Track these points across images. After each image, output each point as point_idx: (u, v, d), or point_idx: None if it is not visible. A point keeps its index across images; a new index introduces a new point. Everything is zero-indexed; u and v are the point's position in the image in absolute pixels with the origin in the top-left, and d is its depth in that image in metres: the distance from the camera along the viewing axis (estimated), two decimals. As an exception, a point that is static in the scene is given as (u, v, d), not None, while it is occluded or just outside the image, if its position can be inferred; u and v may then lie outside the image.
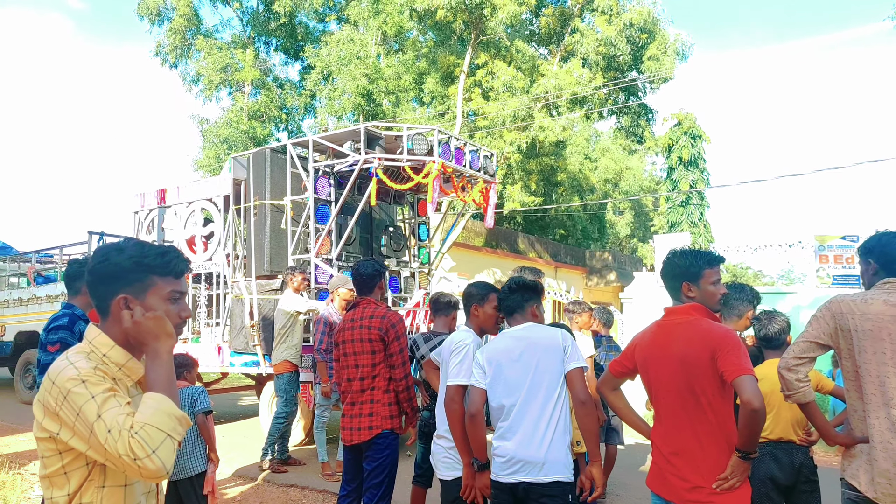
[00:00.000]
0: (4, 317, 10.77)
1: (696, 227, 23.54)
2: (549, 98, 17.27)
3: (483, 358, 2.86)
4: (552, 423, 2.66)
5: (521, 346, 2.78)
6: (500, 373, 2.77)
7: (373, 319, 3.65)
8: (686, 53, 19.13)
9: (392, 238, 8.21)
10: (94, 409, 1.44)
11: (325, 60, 21.35)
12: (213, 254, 7.78)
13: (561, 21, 19.34)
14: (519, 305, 2.95)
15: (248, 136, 22.60)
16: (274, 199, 7.31)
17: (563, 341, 2.76)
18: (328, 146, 7.17)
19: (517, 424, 2.69)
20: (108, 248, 1.65)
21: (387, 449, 3.58)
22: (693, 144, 23.14)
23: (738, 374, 2.32)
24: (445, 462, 3.14)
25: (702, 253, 2.66)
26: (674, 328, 2.56)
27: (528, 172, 19.26)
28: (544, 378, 2.70)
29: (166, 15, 24.32)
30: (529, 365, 2.73)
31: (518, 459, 2.64)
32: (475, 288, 3.31)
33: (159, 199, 8.38)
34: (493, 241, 23.09)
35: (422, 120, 20.23)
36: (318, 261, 6.97)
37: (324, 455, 5.88)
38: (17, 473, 5.55)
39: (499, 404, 2.77)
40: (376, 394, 3.61)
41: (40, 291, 10.29)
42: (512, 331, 2.91)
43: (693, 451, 2.43)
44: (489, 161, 7.79)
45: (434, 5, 16.39)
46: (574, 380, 2.72)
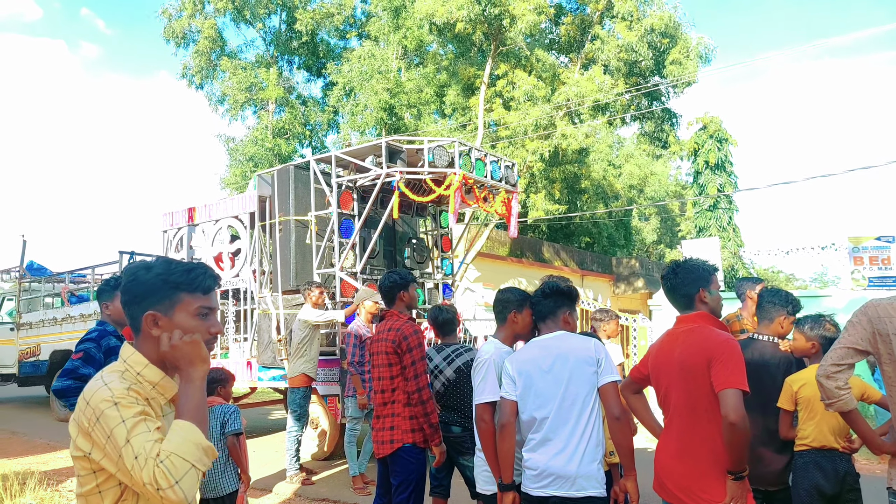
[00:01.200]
0: (40, 336, 10.99)
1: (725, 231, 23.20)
2: (571, 106, 17.21)
3: (513, 368, 2.77)
4: (585, 436, 2.60)
5: (551, 356, 2.70)
6: (531, 384, 2.70)
7: (390, 332, 3.65)
8: (709, 56, 18.93)
9: (415, 250, 8.27)
10: (123, 434, 1.45)
11: (346, 76, 21.62)
12: (239, 270, 7.90)
13: (581, 29, 19.31)
14: (551, 311, 2.87)
15: (273, 154, 22.94)
16: (298, 214, 7.40)
17: (596, 353, 2.68)
18: (351, 161, 7.25)
19: (549, 437, 2.64)
20: (137, 266, 1.68)
21: (411, 463, 3.54)
22: (720, 148, 22.88)
23: (723, 386, 2.33)
24: (483, 476, 3.08)
25: (704, 261, 2.73)
26: (679, 336, 2.59)
27: (551, 181, 19.19)
28: (577, 391, 2.64)
29: (191, 37, 24.89)
30: (561, 377, 2.65)
31: (550, 473, 2.59)
32: (511, 294, 3.16)
33: (187, 218, 8.56)
34: (517, 250, 23.00)
35: (443, 132, 20.32)
36: (342, 275, 7.03)
37: (355, 469, 5.88)
38: (55, 490, 5.64)
39: (530, 416, 2.71)
40: (396, 407, 3.58)
41: (74, 311, 10.49)
42: (542, 340, 2.83)
43: (693, 456, 2.45)
44: (510, 171, 7.81)
45: (453, 18, 16.50)
46: (608, 394, 2.65)
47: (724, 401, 2.31)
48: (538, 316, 2.93)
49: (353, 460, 5.89)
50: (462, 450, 3.81)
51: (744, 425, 2.30)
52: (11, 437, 8.75)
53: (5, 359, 11.63)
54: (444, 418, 3.86)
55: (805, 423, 3.12)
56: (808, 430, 3.12)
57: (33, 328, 11.21)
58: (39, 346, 10.93)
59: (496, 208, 7.64)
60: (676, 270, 2.71)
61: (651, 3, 18.10)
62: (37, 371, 10.98)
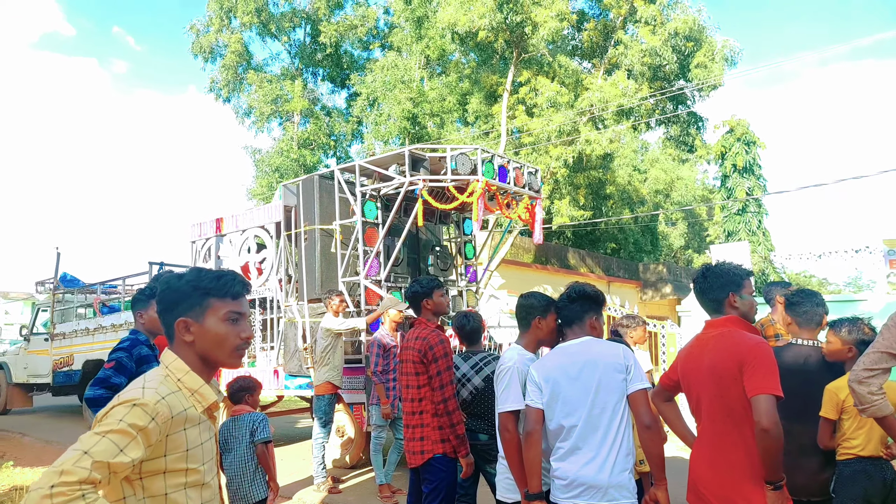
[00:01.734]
0: (73, 346, 11.21)
1: (755, 235, 22.78)
2: (595, 111, 17.12)
3: (539, 376, 2.70)
4: (615, 445, 2.53)
5: (579, 363, 2.63)
6: (558, 392, 2.63)
7: (416, 341, 3.61)
8: (735, 59, 18.67)
9: (438, 257, 8.29)
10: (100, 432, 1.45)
11: (370, 87, 21.82)
12: (266, 279, 7.98)
13: (604, 34, 19.23)
14: (578, 317, 2.80)
15: (299, 164, 23.23)
16: (323, 223, 7.46)
17: (625, 360, 2.61)
18: (374, 170, 7.30)
19: (578, 446, 2.57)
20: (170, 275, 1.76)
21: (441, 472, 3.51)
22: (747, 151, 22.51)
23: (756, 391, 2.27)
24: (504, 483, 3.02)
25: (737, 265, 2.68)
26: (709, 340, 2.54)
27: (575, 187, 19.08)
28: (606, 399, 2.56)
29: (218, 52, 25.38)
30: (589, 385, 2.58)
31: (581, 483, 2.52)
32: (535, 300, 3.08)
33: (215, 229, 8.67)
34: (542, 257, 22.89)
35: (466, 140, 20.36)
36: (367, 283, 7.06)
37: (381, 477, 5.86)
38: None
39: (557, 425, 2.64)
40: (425, 417, 3.55)
41: (105, 321, 10.68)
42: (568, 346, 2.76)
43: (726, 463, 2.39)
44: (534, 177, 7.77)
45: (475, 27, 16.56)
46: (638, 402, 2.57)
47: (757, 407, 2.26)
48: (564, 321, 2.86)
49: (380, 469, 5.89)
50: (489, 458, 3.76)
51: (777, 432, 2.24)
52: (47, 446, 8.95)
53: (40, 368, 11.87)
54: (471, 426, 3.83)
55: (855, 432, 3.01)
56: (858, 438, 3.01)
57: (66, 338, 11.44)
58: (72, 355, 11.13)
59: (519, 214, 7.62)
60: (706, 274, 2.67)
61: (675, 6, 17.95)
62: (70, 380, 11.19)
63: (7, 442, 9.27)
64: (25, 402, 12.74)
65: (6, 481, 6.49)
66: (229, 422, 3.94)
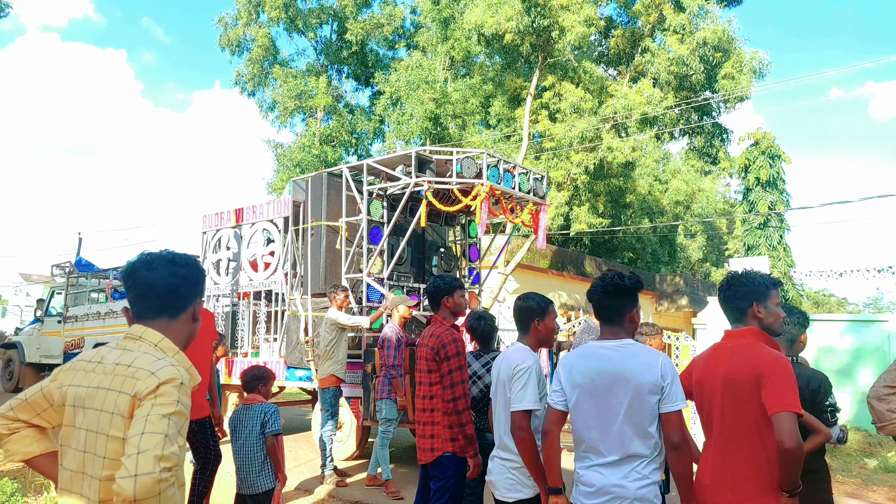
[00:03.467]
0: (84, 329, 11.44)
1: (776, 250, 22.47)
2: (618, 119, 17.01)
3: (565, 378, 2.57)
4: (643, 459, 2.41)
5: (611, 376, 2.45)
6: (586, 399, 2.49)
7: (431, 339, 3.60)
8: (763, 71, 18.45)
9: (443, 258, 8.41)
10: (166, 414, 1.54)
11: (394, 86, 21.89)
12: (273, 272, 8.12)
13: (631, 41, 19.10)
14: (617, 312, 2.56)
15: (320, 160, 23.36)
16: (330, 220, 7.58)
17: (662, 380, 2.40)
18: (381, 170, 7.41)
19: (604, 456, 2.45)
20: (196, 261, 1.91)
21: (450, 470, 3.50)
22: (772, 164, 22.21)
23: (777, 409, 2.21)
24: (508, 483, 2.93)
25: (764, 274, 2.59)
26: (726, 351, 2.48)
27: (595, 194, 18.97)
28: (636, 419, 2.41)
29: (245, 46, 25.63)
30: (621, 400, 2.42)
31: (606, 492, 2.42)
32: (534, 301, 3.04)
33: (226, 221, 8.85)
34: (558, 263, 22.78)
35: (488, 143, 20.33)
36: (369, 280, 7.19)
37: (388, 473, 5.88)
38: None
39: (583, 434, 2.53)
40: (436, 415, 3.53)
41: (116, 306, 10.89)
42: (603, 349, 2.53)
43: (736, 475, 2.34)
44: (539, 183, 7.85)
45: (502, 29, 16.53)
46: (669, 422, 2.39)
47: (779, 425, 2.19)
48: (599, 314, 2.63)
49: (387, 464, 5.90)
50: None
51: (800, 450, 2.19)
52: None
53: (52, 349, 12.14)
54: (478, 424, 3.81)
55: None
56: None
57: (78, 321, 11.67)
58: (83, 338, 11.35)
59: (523, 219, 7.71)
60: (731, 282, 2.59)
61: (705, 16, 17.77)
62: None
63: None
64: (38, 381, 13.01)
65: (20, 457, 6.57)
66: (241, 410, 3.97)
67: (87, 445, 1.63)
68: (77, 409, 1.67)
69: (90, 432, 1.63)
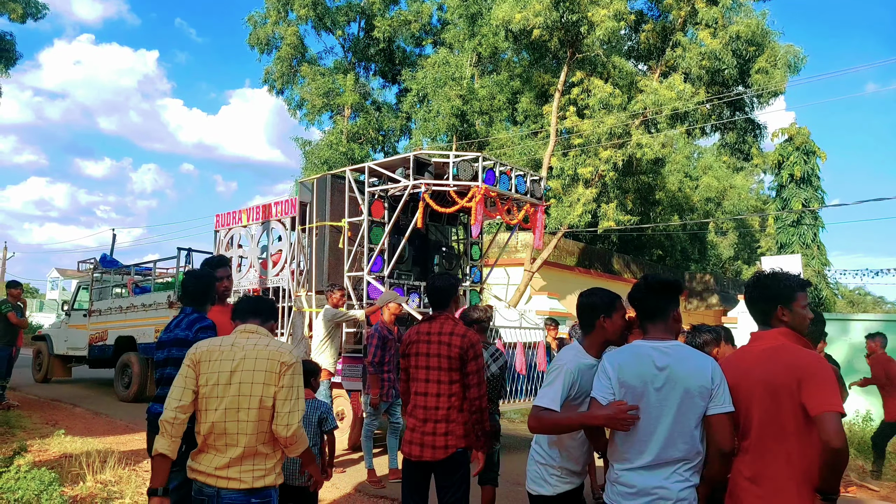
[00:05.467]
0: (108, 323, 11.79)
1: (809, 248, 21.96)
2: (648, 115, 16.77)
3: (613, 375, 2.49)
4: (685, 462, 2.38)
5: (662, 376, 2.41)
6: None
7: (453, 337, 3.53)
8: (798, 66, 18.00)
9: (444, 257, 8.62)
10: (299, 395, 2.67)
11: (421, 83, 21.90)
12: (280, 270, 8.39)
13: (661, 36, 18.80)
14: (661, 310, 2.52)
15: (347, 158, 23.49)
16: (333, 220, 7.86)
17: (711, 383, 2.38)
18: (382, 172, 7.68)
19: (648, 459, 2.41)
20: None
21: (463, 465, 3.56)
22: (806, 161, 21.70)
23: (822, 409, 2.17)
24: (533, 474, 2.96)
25: (792, 276, 2.53)
26: (760, 353, 2.43)
27: (624, 191, 18.76)
28: (683, 421, 2.39)
29: (274, 44, 25.89)
30: (671, 402, 2.39)
31: (648, 493, 2.38)
32: (598, 297, 2.83)
33: (236, 220, 9.19)
34: (585, 260, 22.60)
35: (515, 139, 20.24)
36: (370, 278, 7.44)
37: (370, 463, 6.08)
38: (132, 470, 5.87)
39: (628, 434, 2.47)
40: (452, 413, 3.50)
41: (137, 301, 11.21)
42: (652, 348, 2.48)
43: (772, 479, 2.31)
44: (537, 185, 8.11)
45: (530, 25, 16.42)
46: (716, 426, 2.37)
47: (825, 426, 2.16)
48: (644, 314, 2.58)
49: (370, 454, 6.12)
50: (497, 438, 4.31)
51: (847, 451, 2.17)
52: (96, 417, 9.29)
53: (78, 342, 12.53)
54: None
55: None
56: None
57: (102, 315, 12.02)
58: (107, 331, 11.70)
59: (520, 220, 7.92)
60: (757, 283, 2.55)
61: (738, 10, 17.41)
62: (104, 354, 11.80)
63: (60, 411, 9.68)
64: (65, 372, 13.57)
65: (57, 448, 6.72)
66: None
67: (241, 392, 2.55)
68: (232, 374, 2.58)
69: (240, 384, 2.56)
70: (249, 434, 2.53)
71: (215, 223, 9.57)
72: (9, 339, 9.31)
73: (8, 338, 9.30)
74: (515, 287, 17.89)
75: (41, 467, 5.32)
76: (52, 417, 8.92)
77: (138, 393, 10.68)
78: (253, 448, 2.54)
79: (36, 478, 4.84)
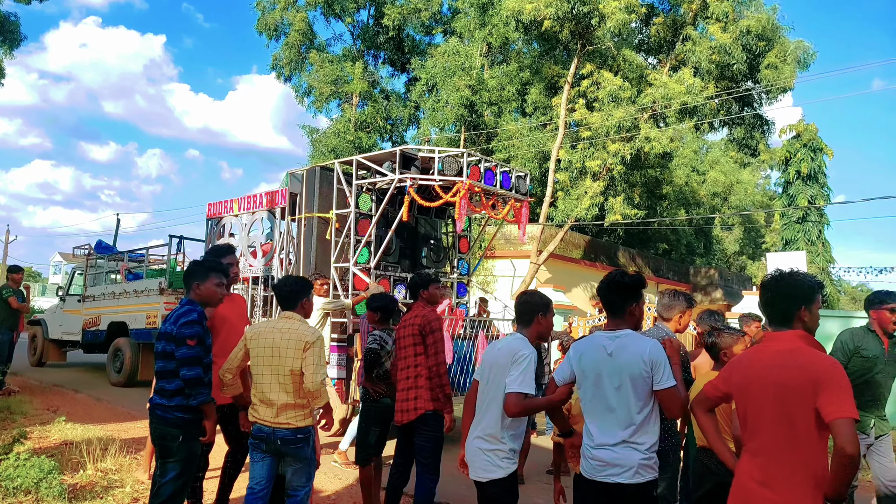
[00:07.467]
0: (101, 308, 11.86)
1: (814, 245, 22.00)
2: (657, 108, 16.77)
3: (574, 361, 2.97)
4: (639, 435, 2.77)
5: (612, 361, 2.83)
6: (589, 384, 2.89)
7: (415, 318, 4.31)
8: (808, 62, 17.96)
9: (432, 250, 8.76)
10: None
11: (430, 72, 21.84)
12: (270, 259, 8.49)
13: (672, 29, 18.76)
14: (618, 306, 2.94)
15: (354, 146, 23.44)
16: (321, 212, 7.96)
17: (647, 364, 2.75)
18: (370, 166, 7.82)
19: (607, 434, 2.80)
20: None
21: (434, 425, 4.15)
22: (813, 158, 21.69)
23: (837, 415, 2.18)
24: (483, 463, 3.15)
25: (812, 276, 2.54)
26: (775, 355, 2.41)
27: (631, 185, 18.77)
28: (630, 400, 2.77)
29: (283, 30, 25.78)
30: (616, 385, 2.79)
31: (613, 464, 2.76)
32: (537, 297, 3.33)
33: (228, 209, 9.27)
34: (591, 253, 22.66)
35: (524, 131, 20.22)
36: (356, 269, 7.54)
37: (346, 445, 6.22)
38: (133, 458, 5.83)
39: (588, 414, 2.91)
40: (420, 381, 4.21)
41: (129, 287, 11.29)
42: (607, 337, 2.90)
43: (783, 483, 2.30)
44: (522, 181, 8.22)
45: (541, 16, 16.39)
46: (664, 400, 2.77)
47: (839, 431, 2.17)
48: (606, 308, 3.02)
49: (351, 437, 6.21)
50: (389, 420, 4.57)
51: (859, 457, 2.19)
52: (97, 403, 9.18)
53: (73, 327, 12.58)
54: (389, 393, 4.54)
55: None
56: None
57: (96, 300, 12.09)
58: (100, 317, 11.77)
59: (505, 215, 8.08)
60: (780, 282, 2.50)
61: (749, 4, 17.36)
62: (97, 339, 11.89)
63: (62, 397, 9.58)
64: (60, 357, 13.66)
65: (57, 435, 6.59)
66: None
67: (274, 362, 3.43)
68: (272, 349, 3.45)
69: (277, 357, 3.43)
70: (288, 393, 3.43)
71: (207, 211, 9.63)
72: (10, 323, 9.17)
73: (10, 322, 9.15)
74: (521, 279, 17.98)
75: (41, 455, 5.19)
76: (53, 403, 8.83)
77: (129, 377, 10.74)
78: (292, 402, 3.43)
79: (35, 465, 4.74)
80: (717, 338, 3.80)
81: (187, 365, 3.30)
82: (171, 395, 3.35)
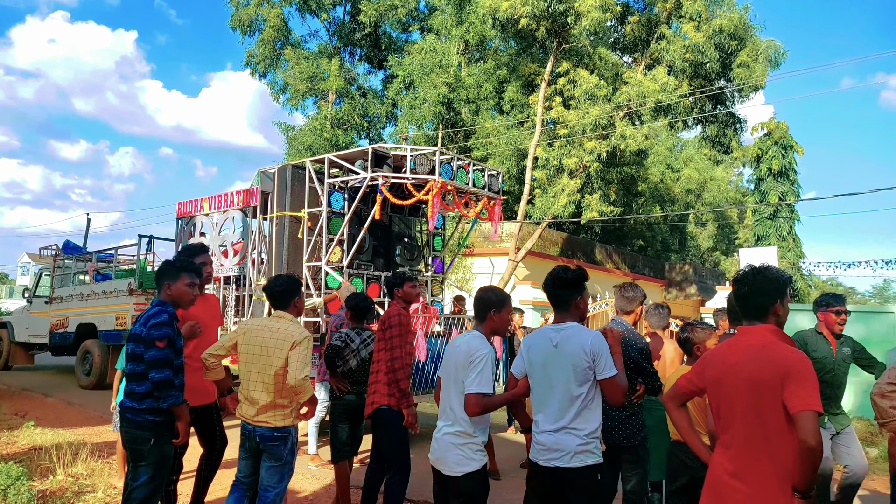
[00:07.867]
0: (69, 310, 11.63)
1: (785, 240, 22.43)
2: (632, 106, 16.94)
3: (525, 353, 3.15)
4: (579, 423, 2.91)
5: (553, 352, 3.00)
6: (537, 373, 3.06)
7: (383, 314, 4.45)
8: (779, 60, 18.29)
9: (406, 248, 8.75)
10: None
11: (407, 69, 21.78)
12: (241, 258, 8.44)
13: (647, 28, 18.95)
14: (563, 300, 3.08)
15: (331, 144, 23.30)
16: (293, 210, 7.92)
17: (589, 356, 2.89)
18: (342, 164, 7.79)
19: (551, 421, 2.95)
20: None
21: (391, 421, 4.18)
22: (784, 155, 22.09)
23: (801, 408, 2.23)
24: (457, 458, 3.17)
25: (782, 270, 2.61)
26: (747, 350, 2.45)
27: (607, 182, 18.95)
28: (572, 389, 2.92)
29: (257, 26, 25.46)
30: (559, 374, 2.95)
31: (554, 448, 2.91)
32: (493, 294, 3.38)
33: (198, 208, 9.15)
34: (569, 250, 22.83)
35: (501, 128, 20.29)
36: (328, 268, 7.53)
37: (314, 448, 6.33)
38: (105, 462, 5.76)
39: (535, 402, 3.07)
40: (379, 376, 4.29)
41: (98, 288, 11.11)
42: (553, 329, 3.06)
43: (754, 475, 2.36)
44: (494, 179, 8.26)
45: (517, 14, 16.45)
46: (605, 389, 2.90)
47: (802, 423, 2.22)
48: (552, 303, 3.15)
49: (314, 439, 6.34)
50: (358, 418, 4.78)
51: (821, 449, 2.23)
52: (68, 407, 9.00)
53: (40, 329, 12.35)
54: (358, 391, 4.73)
55: None
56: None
57: (64, 302, 11.87)
58: (68, 318, 11.57)
59: (478, 213, 8.13)
60: (756, 277, 2.54)
61: (721, 3, 17.61)
62: (65, 341, 11.68)
63: (31, 401, 9.39)
64: (27, 360, 13.33)
65: (26, 441, 6.49)
66: None
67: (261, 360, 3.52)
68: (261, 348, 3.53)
69: (264, 356, 3.51)
70: (269, 393, 3.49)
71: (178, 211, 9.47)
72: None
73: None
74: (500, 276, 18.06)
75: (9, 461, 5.08)
76: (21, 407, 8.65)
77: (99, 379, 10.54)
78: (272, 402, 3.50)
79: (3, 472, 4.64)
80: (690, 333, 3.84)
81: (156, 367, 3.24)
82: (140, 397, 3.29)
